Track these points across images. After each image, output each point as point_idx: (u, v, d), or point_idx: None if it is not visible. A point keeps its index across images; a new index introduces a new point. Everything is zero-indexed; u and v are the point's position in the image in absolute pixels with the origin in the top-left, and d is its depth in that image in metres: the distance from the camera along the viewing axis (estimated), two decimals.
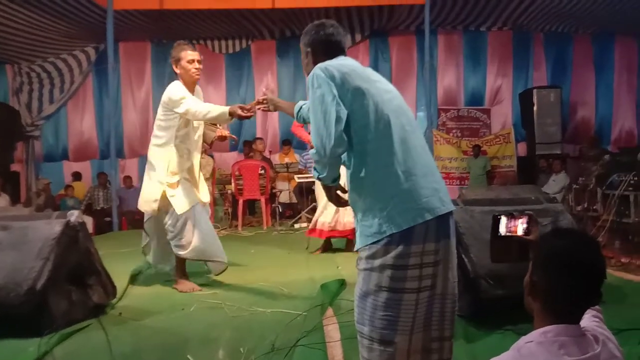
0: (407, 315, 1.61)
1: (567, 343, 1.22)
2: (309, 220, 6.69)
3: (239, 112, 3.19)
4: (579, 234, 1.39)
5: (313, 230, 4.65)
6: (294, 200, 7.59)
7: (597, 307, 1.47)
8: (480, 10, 8.08)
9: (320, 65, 1.77)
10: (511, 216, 2.01)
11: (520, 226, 2.09)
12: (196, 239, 3.38)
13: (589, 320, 1.41)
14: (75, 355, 2.32)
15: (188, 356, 2.29)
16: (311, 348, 2.33)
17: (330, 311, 2.77)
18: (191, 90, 3.39)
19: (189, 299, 3.07)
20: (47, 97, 9.21)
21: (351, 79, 1.71)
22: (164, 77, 8.91)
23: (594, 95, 9.40)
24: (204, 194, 3.66)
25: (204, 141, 3.68)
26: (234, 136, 3.80)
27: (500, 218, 2.02)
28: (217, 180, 7.64)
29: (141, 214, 4.81)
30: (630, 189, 5.10)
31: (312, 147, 2.31)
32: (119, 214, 7.25)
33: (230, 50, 9.40)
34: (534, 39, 9.23)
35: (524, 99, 8.90)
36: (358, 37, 9.10)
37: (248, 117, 3.35)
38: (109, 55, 7.05)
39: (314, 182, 6.51)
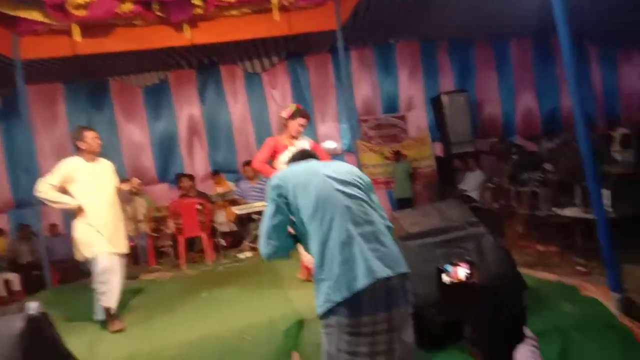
0: None
1: None
2: (253, 250, 6.86)
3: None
4: (503, 295, 1.74)
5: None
6: (234, 228, 7.68)
7: (534, 337, 1.81)
8: (387, 27, 8.57)
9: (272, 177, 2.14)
10: (453, 264, 2.34)
11: (461, 272, 2.43)
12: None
13: (526, 351, 1.74)
14: None
15: None
16: None
17: (295, 356, 2.98)
18: (91, 159, 4.27)
19: None
20: None
21: (293, 180, 2.05)
22: (79, 117, 8.68)
23: (498, 93, 10.25)
24: (118, 244, 4.28)
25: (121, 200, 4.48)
26: (134, 184, 4.55)
27: (442, 269, 2.35)
28: (153, 218, 7.57)
29: (72, 262, 5.60)
30: (538, 185, 5.73)
31: None
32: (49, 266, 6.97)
33: (148, 83, 9.28)
34: (438, 47, 9.91)
35: (436, 103, 9.53)
36: (275, 60, 9.34)
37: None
38: (19, 102, 6.79)
39: (253, 211, 6.68)
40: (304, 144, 4.63)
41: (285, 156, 4.53)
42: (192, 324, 3.97)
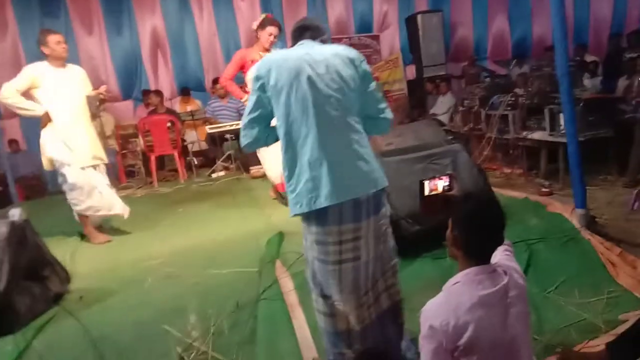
0: (334, 279, 1.96)
1: (483, 279, 1.65)
2: (226, 169, 6.84)
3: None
4: (485, 198, 1.82)
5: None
6: (204, 147, 7.58)
7: (508, 242, 1.93)
8: None
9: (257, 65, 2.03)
10: (433, 178, 2.44)
11: (440, 184, 2.53)
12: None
13: (501, 254, 1.87)
14: (56, 345, 2.45)
15: (164, 326, 2.53)
16: (272, 300, 2.68)
17: (279, 263, 3.10)
18: (59, 65, 4.01)
19: (141, 273, 3.20)
20: None
21: (275, 75, 1.93)
22: (31, 26, 8.07)
23: (471, 14, 10.12)
24: (91, 155, 4.13)
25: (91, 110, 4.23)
26: (102, 91, 4.26)
27: (424, 182, 2.45)
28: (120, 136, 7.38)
29: (37, 179, 6.34)
30: (509, 108, 5.85)
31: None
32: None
33: None
34: None
35: (410, 24, 9.37)
36: None
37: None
38: None
39: (226, 131, 6.60)
40: None
41: (252, 73, 4.33)
42: (171, 236, 4.02)
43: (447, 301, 1.65)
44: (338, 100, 1.93)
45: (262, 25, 4.34)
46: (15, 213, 2.61)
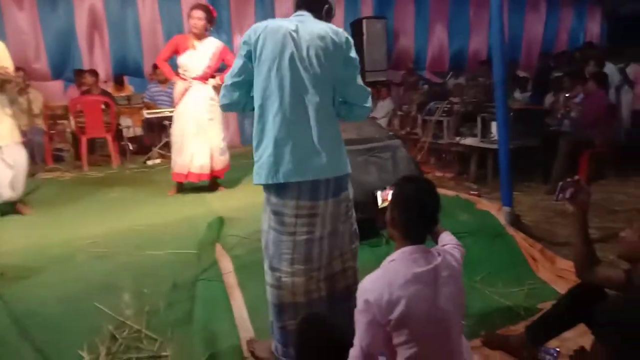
0: (287, 250, 2.00)
1: (418, 258, 1.72)
2: (162, 157, 6.65)
3: None
4: (421, 182, 1.91)
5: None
6: (138, 133, 7.33)
7: (460, 244, 2.00)
8: None
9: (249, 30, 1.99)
10: (384, 189, 2.52)
11: (390, 194, 2.60)
12: None
13: (450, 246, 1.95)
14: None
15: (95, 304, 2.44)
16: (210, 281, 2.65)
17: (218, 246, 3.07)
18: None
19: (70, 252, 3.05)
20: None
21: (261, 45, 1.92)
22: None
23: (414, 24, 10.48)
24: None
25: None
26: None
27: (376, 193, 2.55)
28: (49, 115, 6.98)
29: None
30: (444, 115, 6.13)
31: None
32: None
33: None
34: None
35: (355, 28, 9.53)
36: None
37: None
38: None
39: (164, 117, 6.43)
40: (209, 47, 4.49)
41: (184, 59, 4.44)
42: (104, 219, 3.86)
43: (382, 277, 1.70)
44: (314, 85, 1.93)
45: (189, 11, 4.47)
46: None
